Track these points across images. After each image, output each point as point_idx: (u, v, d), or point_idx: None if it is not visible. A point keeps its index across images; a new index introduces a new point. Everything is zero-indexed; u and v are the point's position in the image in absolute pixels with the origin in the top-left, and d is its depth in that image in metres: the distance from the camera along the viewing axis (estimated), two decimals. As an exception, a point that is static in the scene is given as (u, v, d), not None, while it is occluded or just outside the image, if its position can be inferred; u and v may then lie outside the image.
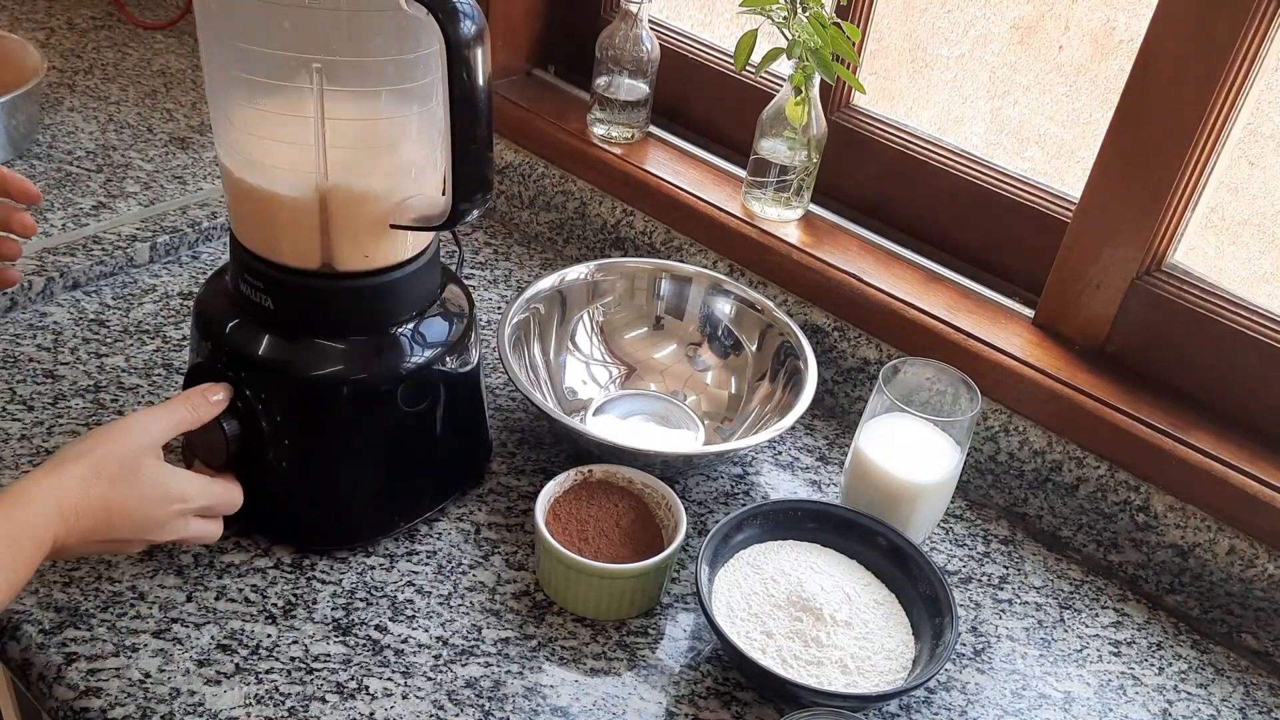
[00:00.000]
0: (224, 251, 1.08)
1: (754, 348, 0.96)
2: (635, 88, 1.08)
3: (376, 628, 0.74)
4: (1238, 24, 0.76)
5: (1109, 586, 0.86)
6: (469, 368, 0.80)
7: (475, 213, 0.70)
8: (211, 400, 0.72)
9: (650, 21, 1.08)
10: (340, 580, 0.77)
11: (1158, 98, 0.81)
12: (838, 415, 0.99)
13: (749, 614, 0.74)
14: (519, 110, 1.15)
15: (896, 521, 0.80)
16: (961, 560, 0.87)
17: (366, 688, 0.70)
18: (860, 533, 0.80)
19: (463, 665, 0.73)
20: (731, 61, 0.98)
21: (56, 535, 0.62)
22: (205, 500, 0.71)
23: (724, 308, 0.98)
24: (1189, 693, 0.79)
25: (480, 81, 0.65)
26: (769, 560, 0.78)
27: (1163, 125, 0.81)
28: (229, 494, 0.73)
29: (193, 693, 0.68)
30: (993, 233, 0.98)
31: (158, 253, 1.04)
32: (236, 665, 0.70)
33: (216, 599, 0.74)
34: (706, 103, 1.14)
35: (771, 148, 0.99)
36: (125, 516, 0.66)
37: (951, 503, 0.91)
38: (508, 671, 0.73)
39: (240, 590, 0.75)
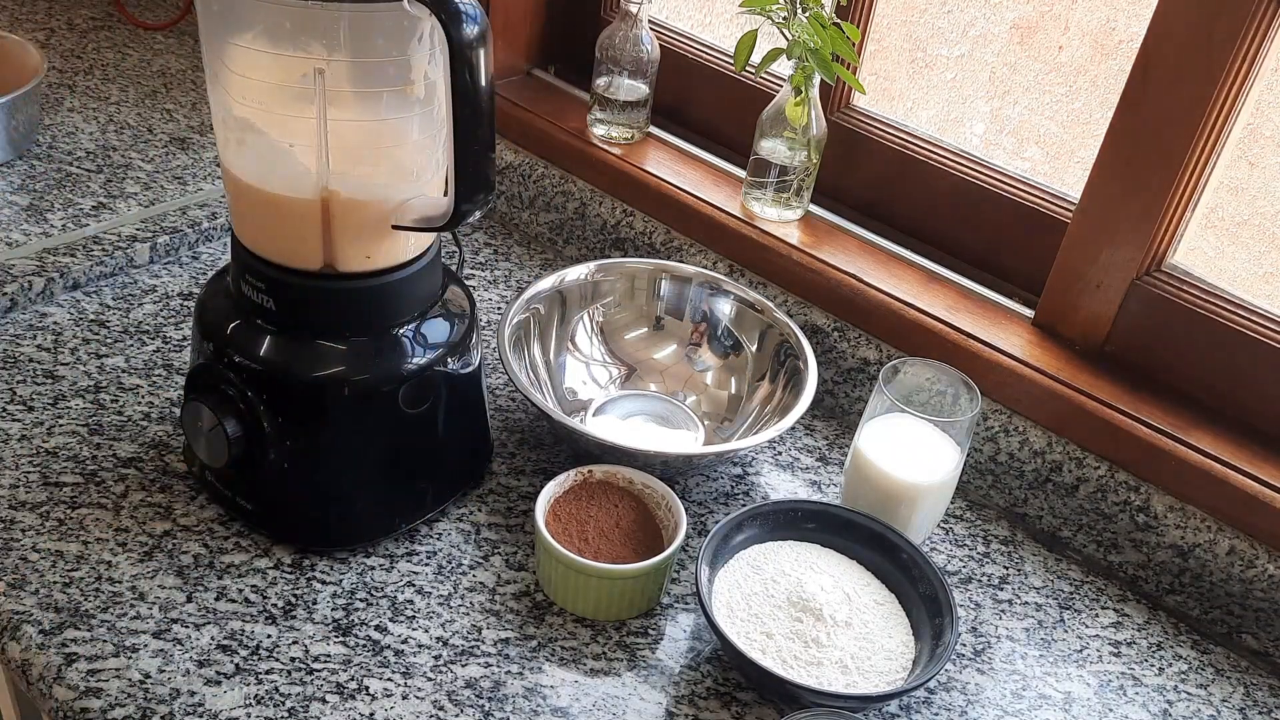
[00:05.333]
0: (224, 252, 1.08)
1: (754, 348, 0.96)
2: (635, 88, 1.08)
3: (376, 628, 0.74)
4: (1237, 24, 0.76)
5: (1109, 587, 0.86)
6: (470, 369, 0.80)
7: (477, 214, 0.70)
8: None
9: (650, 22, 1.08)
10: (340, 580, 0.77)
11: (1158, 98, 0.81)
12: (838, 415, 1.00)
13: (749, 614, 0.74)
14: (519, 110, 1.15)
15: (896, 522, 0.80)
16: (961, 560, 0.87)
17: (366, 688, 0.70)
18: (860, 533, 0.80)
19: (463, 666, 0.73)
20: (731, 61, 0.98)
21: None
22: None
23: (724, 308, 0.98)
24: (1189, 693, 0.79)
25: (483, 82, 0.65)
26: (769, 561, 0.78)
27: (1163, 125, 0.81)
28: None
29: (193, 693, 0.68)
30: (993, 233, 0.98)
31: (158, 253, 1.04)
32: (236, 665, 0.70)
33: (216, 599, 0.74)
34: (706, 103, 1.14)
35: (771, 148, 0.99)
36: None
37: (951, 503, 0.91)
38: (508, 672, 0.73)
39: (240, 590, 0.75)
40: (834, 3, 0.98)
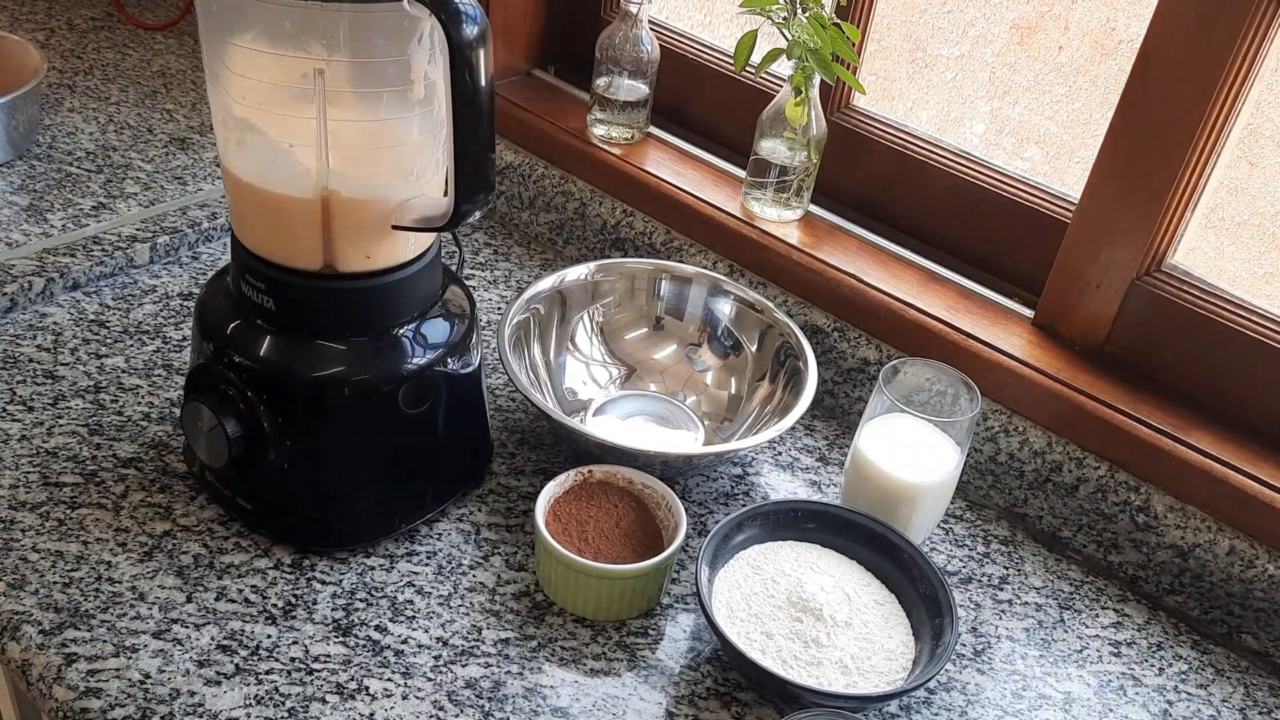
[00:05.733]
0: (224, 252, 1.08)
1: (754, 348, 0.96)
2: (635, 88, 1.08)
3: (376, 628, 0.74)
4: (1237, 24, 0.76)
5: (1109, 587, 0.86)
6: (470, 369, 0.80)
7: (477, 214, 0.70)
8: None
9: (650, 22, 1.08)
10: (340, 581, 0.77)
11: (1158, 98, 0.81)
12: (838, 415, 1.00)
13: (749, 614, 0.74)
14: (519, 110, 1.15)
15: (896, 522, 0.80)
16: (961, 560, 0.87)
17: (366, 688, 0.70)
18: (860, 533, 0.80)
19: (463, 666, 0.73)
20: (731, 62, 0.98)
21: None
22: None
23: (724, 308, 0.98)
24: (1189, 693, 0.79)
25: (483, 82, 0.65)
26: (769, 561, 0.78)
27: (1163, 125, 0.81)
28: None
29: (193, 693, 0.68)
30: (993, 233, 0.98)
31: (158, 253, 1.04)
32: (236, 666, 0.70)
33: (216, 599, 0.74)
34: (706, 103, 1.14)
35: (771, 148, 0.99)
36: None
37: (951, 503, 0.91)
38: (508, 672, 0.73)
39: (240, 591, 0.75)
40: (834, 3, 0.98)
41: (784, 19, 0.93)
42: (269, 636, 0.73)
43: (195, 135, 1.21)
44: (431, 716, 0.69)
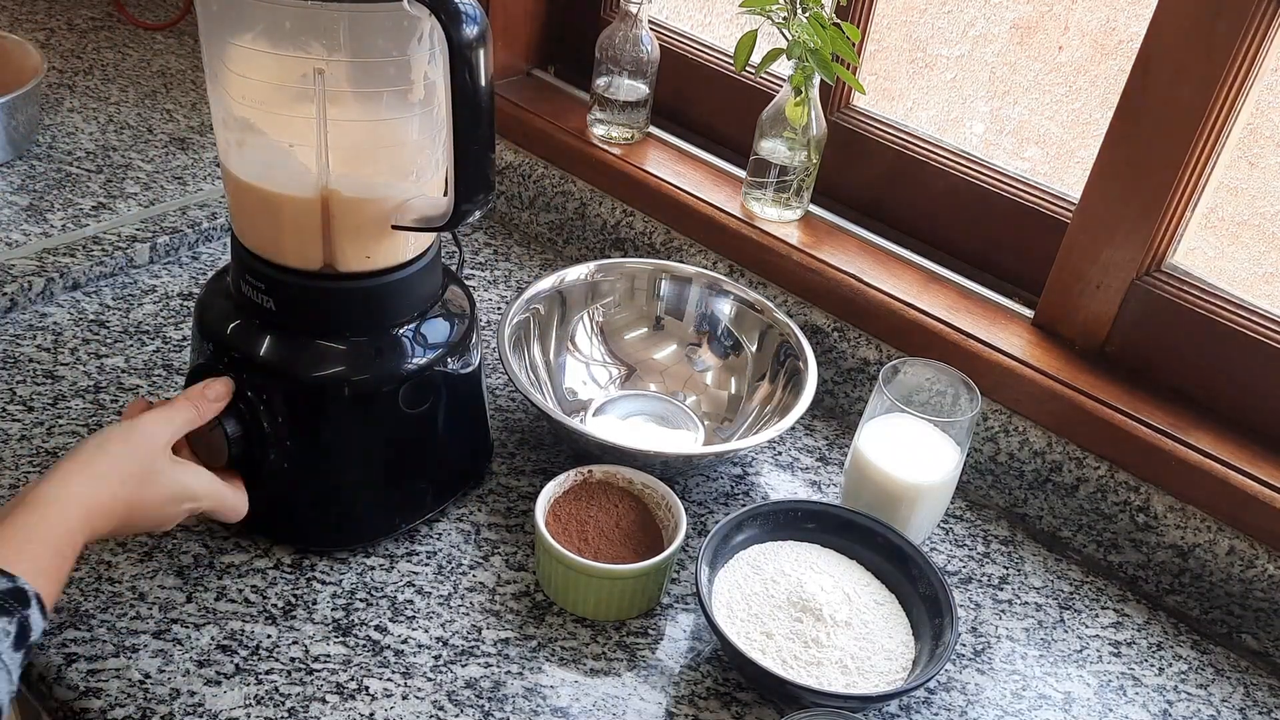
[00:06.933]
0: (224, 252, 1.08)
1: (754, 348, 0.96)
2: (635, 88, 1.08)
3: (376, 628, 0.74)
4: (1237, 24, 0.76)
5: (1109, 587, 0.86)
6: (470, 369, 0.80)
7: (477, 213, 0.70)
8: (211, 398, 0.72)
9: (650, 22, 1.08)
10: (340, 581, 0.77)
11: (1158, 98, 0.81)
12: (838, 415, 1.00)
13: (749, 614, 0.74)
14: (519, 110, 1.15)
15: (896, 522, 0.80)
16: (961, 560, 0.87)
17: (366, 688, 0.70)
18: (860, 533, 0.80)
19: (463, 666, 0.73)
20: (731, 62, 0.98)
21: (84, 539, 0.63)
22: (213, 503, 0.71)
23: (724, 308, 0.98)
24: (1189, 693, 0.79)
25: (482, 82, 0.65)
26: (769, 561, 0.78)
27: (1163, 125, 0.81)
28: (236, 500, 0.73)
29: (193, 693, 0.68)
30: (993, 233, 0.98)
31: (158, 253, 1.04)
32: (236, 666, 0.70)
33: (216, 599, 0.74)
34: (706, 103, 1.14)
35: (771, 148, 0.99)
36: (143, 515, 0.67)
37: (951, 503, 0.91)
38: (508, 672, 0.73)
39: (240, 591, 0.75)
40: (834, 3, 0.98)
41: (784, 19, 0.93)
42: (269, 636, 0.73)
43: (195, 135, 1.21)
44: (431, 716, 0.69)
